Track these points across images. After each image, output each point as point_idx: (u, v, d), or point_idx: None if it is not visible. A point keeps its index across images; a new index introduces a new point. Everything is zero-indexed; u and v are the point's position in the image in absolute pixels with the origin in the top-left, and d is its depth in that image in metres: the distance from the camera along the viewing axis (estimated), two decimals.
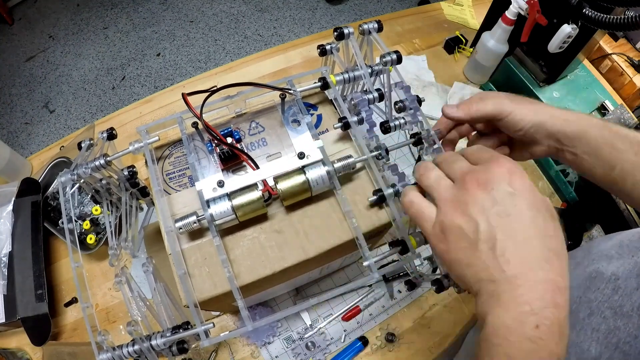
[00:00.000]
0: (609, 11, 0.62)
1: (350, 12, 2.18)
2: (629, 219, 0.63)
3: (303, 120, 0.46)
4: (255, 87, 0.45)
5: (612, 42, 0.95)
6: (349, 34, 0.46)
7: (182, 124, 0.45)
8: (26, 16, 2.10)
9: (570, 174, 0.73)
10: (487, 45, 0.81)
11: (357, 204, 0.43)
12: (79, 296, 0.38)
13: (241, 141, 0.45)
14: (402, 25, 0.99)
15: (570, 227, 0.64)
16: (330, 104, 0.50)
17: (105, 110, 1.82)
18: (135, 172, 0.45)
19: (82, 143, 0.45)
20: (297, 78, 0.47)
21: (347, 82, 0.47)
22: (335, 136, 0.47)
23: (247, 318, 0.37)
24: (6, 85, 1.89)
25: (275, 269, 0.40)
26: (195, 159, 0.43)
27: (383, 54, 0.44)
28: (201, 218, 0.38)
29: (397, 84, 0.44)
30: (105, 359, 0.36)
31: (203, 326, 0.36)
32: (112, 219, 0.47)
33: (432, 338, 0.63)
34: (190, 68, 1.95)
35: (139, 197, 0.49)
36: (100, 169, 0.42)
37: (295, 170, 0.41)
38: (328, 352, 0.62)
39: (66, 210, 0.44)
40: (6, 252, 0.62)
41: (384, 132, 0.44)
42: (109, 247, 0.43)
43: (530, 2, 0.70)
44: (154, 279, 0.39)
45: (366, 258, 0.39)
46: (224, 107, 0.47)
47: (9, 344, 0.61)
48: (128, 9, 2.14)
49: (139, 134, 0.43)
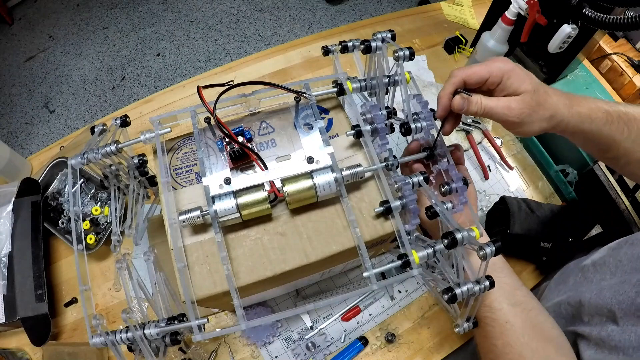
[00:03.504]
0: (609, 11, 0.62)
1: (350, 12, 2.18)
2: (628, 219, 0.63)
3: (316, 124, 0.46)
4: (271, 87, 0.45)
5: (612, 42, 0.95)
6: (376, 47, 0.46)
7: (195, 117, 0.45)
8: (26, 16, 2.10)
9: (570, 174, 0.73)
10: (487, 46, 0.81)
11: (362, 212, 0.43)
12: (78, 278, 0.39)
13: (252, 141, 0.45)
14: (402, 25, 0.99)
15: (570, 226, 0.64)
16: (342, 109, 0.50)
17: (105, 110, 1.82)
18: (145, 160, 0.45)
19: (95, 128, 0.45)
20: (314, 82, 0.47)
21: (364, 90, 0.47)
22: (346, 142, 0.47)
23: (242, 317, 0.37)
24: (6, 85, 1.89)
25: (276, 272, 0.40)
26: (204, 154, 0.43)
27: (395, 50, 0.44)
28: (205, 213, 0.39)
29: (416, 96, 0.45)
30: (98, 342, 0.36)
31: (197, 321, 0.36)
32: (118, 205, 0.47)
33: (432, 338, 0.63)
34: (190, 68, 1.95)
35: (146, 186, 0.50)
36: (111, 155, 0.42)
37: (303, 174, 0.41)
38: (328, 352, 0.62)
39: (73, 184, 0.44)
40: (6, 252, 0.62)
41: (404, 133, 0.44)
42: (113, 233, 0.43)
43: (530, 2, 0.70)
44: (154, 268, 0.39)
45: (366, 269, 0.39)
46: (237, 105, 0.47)
47: (9, 344, 0.61)
48: (128, 9, 2.14)
49: (151, 124, 0.44)
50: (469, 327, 0.44)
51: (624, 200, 0.64)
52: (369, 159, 0.44)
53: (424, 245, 0.40)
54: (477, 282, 0.38)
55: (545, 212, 0.66)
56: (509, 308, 0.44)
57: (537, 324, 0.44)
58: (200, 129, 0.45)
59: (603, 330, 0.40)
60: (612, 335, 0.39)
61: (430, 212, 0.42)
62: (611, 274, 0.44)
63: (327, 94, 0.48)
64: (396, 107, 0.48)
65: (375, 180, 0.45)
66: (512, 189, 0.78)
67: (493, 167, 0.79)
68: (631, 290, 0.39)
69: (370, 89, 0.48)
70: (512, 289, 0.45)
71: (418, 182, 0.43)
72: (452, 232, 0.38)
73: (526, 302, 0.45)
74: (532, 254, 0.68)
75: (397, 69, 0.46)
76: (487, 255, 0.36)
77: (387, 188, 0.41)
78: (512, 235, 0.63)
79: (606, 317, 0.41)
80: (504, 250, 0.37)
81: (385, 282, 0.39)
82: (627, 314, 0.38)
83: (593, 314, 0.43)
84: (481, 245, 0.36)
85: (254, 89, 0.46)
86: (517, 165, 0.80)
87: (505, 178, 0.78)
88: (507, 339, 0.43)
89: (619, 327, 0.39)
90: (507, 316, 0.43)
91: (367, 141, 0.44)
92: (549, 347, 0.43)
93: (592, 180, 0.68)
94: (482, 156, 0.78)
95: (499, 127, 0.84)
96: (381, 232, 0.42)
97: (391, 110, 0.45)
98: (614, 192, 0.65)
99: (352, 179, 0.41)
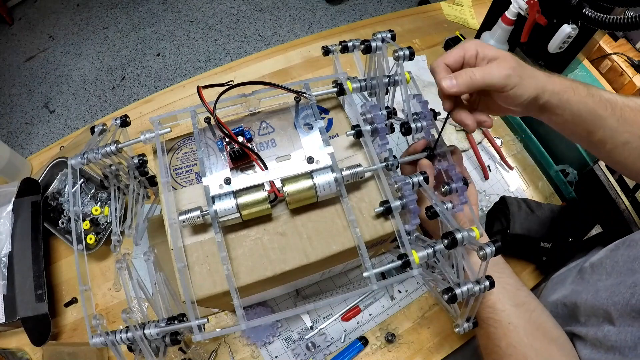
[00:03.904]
0: (609, 11, 0.62)
1: (350, 12, 2.18)
2: (628, 219, 0.63)
3: (316, 124, 0.46)
4: (270, 87, 0.45)
5: (612, 42, 0.95)
6: (376, 47, 0.46)
7: (195, 117, 0.45)
8: (26, 16, 2.10)
9: (570, 174, 0.73)
10: None
11: (362, 212, 0.43)
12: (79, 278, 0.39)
13: (252, 141, 0.45)
14: (402, 25, 0.99)
15: (570, 226, 0.64)
16: (342, 109, 0.50)
17: (105, 110, 1.82)
18: (146, 160, 0.45)
19: (95, 128, 0.45)
20: (314, 82, 0.47)
21: (364, 90, 0.47)
22: (346, 142, 0.47)
23: (242, 317, 0.37)
24: (6, 85, 1.89)
25: (276, 272, 0.40)
26: (204, 154, 0.43)
27: (395, 50, 0.44)
28: (205, 213, 0.39)
29: (416, 96, 0.44)
30: (98, 342, 0.36)
31: (197, 321, 0.36)
32: (118, 205, 0.47)
33: (432, 338, 0.63)
34: (190, 68, 1.95)
35: (146, 186, 0.50)
36: (111, 155, 0.42)
37: (303, 174, 0.41)
38: (328, 352, 0.62)
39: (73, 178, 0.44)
40: (6, 252, 0.62)
41: (404, 133, 0.45)
42: (113, 233, 0.43)
43: (530, 2, 0.70)
44: (154, 268, 0.39)
45: (366, 269, 0.39)
46: (237, 105, 0.47)
47: (9, 344, 0.61)
48: (128, 9, 2.14)
49: (151, 124, 0.44)
50: (469, 327, 0.44)
51: (624, 200, 0.64)
52: (369, 159, 0.44)
53: (424, 245, 0.40)
54: (477, 282, 0.38)
55: (545, 212, 0.66)
56: (511, 309, 0.44)
57: (540, 325, 0.44)
58: (200, 129, 0.45)
59: (599, 330, 0.41)
60: (608, 335, 0.39)
61: (430, 212, 0.42)
62: (607, 275, 0.44)
63: (327, 94, 0.47)
64: (396, 107, 0.48)
65: (375, 180, 0.45)
66: (512, 189, 0.78)
67: (493, 167, 0.79)
68: (626, 291, 0.39)
69: (370, 89, 0.48)
70: (515, 290, 0.45)
71: (418, 182, 0.43)
72: (452, 232, 0.38)
73: (528, 303, 0.45)
74: (532, 254, 0.68)
75: (397, 68, 0.46)
76: (487, 255, 0.36)
77: (387, 188, 0.41)
78: (512, 235, 0.63)
79: (602, 317, 0.41)
80: (504, 250, 0.37)
81: (385, 282, 0.39)
82: (623, 314, 0.38)
83: (589, 314, 0.44)
84: (481, 245, 0.36)
85: (254, 89, 0.46)
86: (517, 165, 0.80)
87: (505, 178, 0.78)
88: (511, 340, 0.43)
89: (615, 328, 0.39)
90: (510, 317, 0.43)
91: (367, 141, 0.44)
92: (552, 347, 0.43)
93: (592, 180, 0.68)
94: (482, 156, 0.78)
95: (499, 127, 0.84)
96: (381, 232, 0.42)
97: (391, 110, 0.45)
98: (614, 192, 0.65)
99: (352, 179, 0.41)
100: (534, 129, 0.80)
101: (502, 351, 0.43)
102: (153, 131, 0.43)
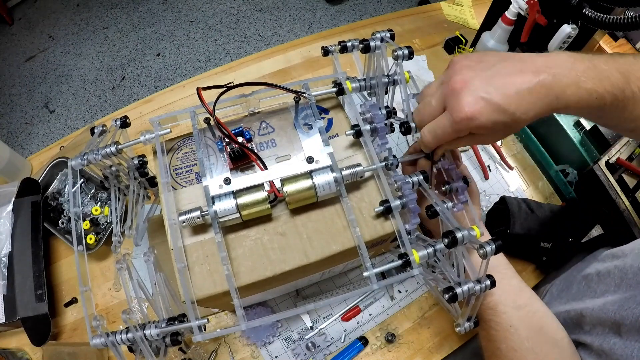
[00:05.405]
0: (609, 11, 0.62)
1: (350, 12, 2.18)
2: (628, 219, 0.63)
3: (315, 124, 0.45)
4: (270, 88, 0.45)
5: (612, 42, 0.95)
6: (375, 47, 0.46)
7: (195, 118, 0.45)
8: (26, 16, 2.10)
9: (570, 174, 0.73)
10: (487, 46, 0.81)
11: (362, 212, 0.43)
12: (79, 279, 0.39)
13: (251, 141, 0.45)
14: (402, 25, 0.99)
15: (570, 226, 0.64)
16: (342, 109, 0.50)
17: (105, 110, 1.82)
18: (146, 161, 0.45)
19: (95, 129, 0.45)
20: (314, 82, 0.47)
21: (363, 90, 0.47)
22: (346, 142, 0.47)
23: (242, 317, 0.37)
24: (6, 85, 1.89)
25: (276, 272, 0.40)
26: (204, 155, 0.43)
27: (395, 49, 0.44)
28: (205, 214, 0.39)
29: (415, 96, 0.45)
30: (98, 343, 0.36)
31: (198, 321, 0.36)
32: (118, 205, 0.47)
33: (432, 338, 0.63)
34: (190, 68, 1.95)
35: (146, 187, 0.50)
36: (111, 156, 0.42)
37: (302, 174, 0.41)
38: (328, 352, 0.62)
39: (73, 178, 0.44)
40: (6, 252, 0.62)
41: (404, 133, 0.44)
42: (113, 234, 0.43)
43: (530, 2, 0.70)
44: (154, 268, 0.39)
45: (366, 269, 0.39)
46: (237, 105, 0.47)
47: (9, 344, 0.61)
48: (128, 9, 2.14)
49: (151, 124, 0.44)
50: (470, 326, 0.44)
51: (624, 201, 0.64)
52: (369, 159, 0.44)
53: (425, 245, 0.40)
54: (478, 281, 0.38)
55: (545, 212, 0.66)
56: (513, 311, 0.43)
57: (541, 328, 0.44)
58: (200, 129, 0.45)
59: (605, 342, 0.40)
60: (614, 348, 0.39)
61: (430, 211, 0.42)
62: (616, 287, 0.43)
63: (326, 93, 0.47)
64: (396, 106, 0.48)
65: (375, 179, 0.44)
66: (512, 189, 0.78)
67: (493, 167, 0.79)
68: (636, 307, 0.38)
69: (370, 88, 0.48)
70: (517, 291, 0.45)
71: (418, 182, 0.43)
72: (452, 231, 0.38)
73: (531, 305, 0.45)
74: (532, 254, 0.68)
75: (397, 68, 0.46)
76: (487, 254, 0.36)
77: (387, 188, 0.41)
78: (512, 235, 0.63)
79: (609, 328, 0.41)
80: (504, 250, 0.37)
81: (385, 282, 0.39)
82: (632, 329, 0.38)
83: (595, 324, 0.43)
84: (481, 243, 0.36)
85: (254, 89, 0.45)
86: (517, 165, 0.80)
87: (505, 178, 0.78)
88: (511, 343, 0.43)
89: (622, 340, 0.38)
90: (511, 320, 0.43)
91: (366, 141, 0.44)
92: (553, 352, 0.43)
93: (592, 180, 0.68)
94: (482, 156, 0.78)
95: None
96: (381, 232, 0.42)
97: (391, 110, 0.45)
98: (613, 192, 0.65)
99: (351, 178, 0.41)
100: (534, 129, 0.80)
101: (502, 354, 0.43)
102: (153, 132, 0.43)
